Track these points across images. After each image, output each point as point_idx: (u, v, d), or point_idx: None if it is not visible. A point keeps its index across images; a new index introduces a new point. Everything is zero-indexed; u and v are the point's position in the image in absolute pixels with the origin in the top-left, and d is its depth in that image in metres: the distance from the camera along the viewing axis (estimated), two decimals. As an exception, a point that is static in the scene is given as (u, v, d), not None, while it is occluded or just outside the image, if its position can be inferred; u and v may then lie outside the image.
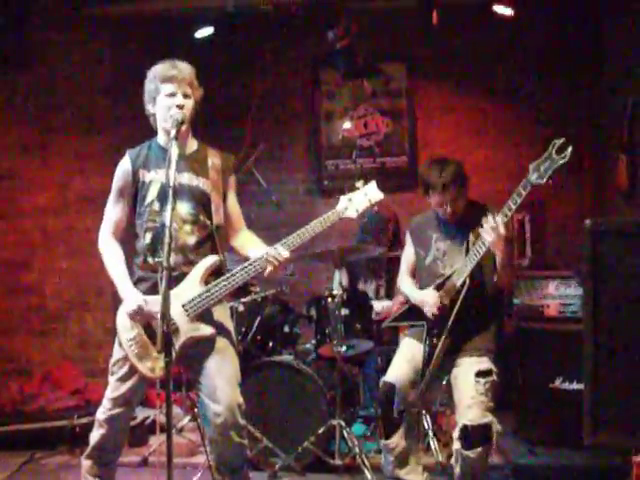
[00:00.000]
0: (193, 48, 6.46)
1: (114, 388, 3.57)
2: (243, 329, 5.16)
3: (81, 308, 6.22)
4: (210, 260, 3.51)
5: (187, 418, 5.39)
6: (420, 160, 7.01)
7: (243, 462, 3.62)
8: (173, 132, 3.31)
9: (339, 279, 4.96)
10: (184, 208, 3.54)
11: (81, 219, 6.21)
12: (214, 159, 3.65)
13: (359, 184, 3.68)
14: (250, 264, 3.48)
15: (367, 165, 7.14)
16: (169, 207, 3.05)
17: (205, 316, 3.51)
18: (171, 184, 3.11)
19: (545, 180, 3.53)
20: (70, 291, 6.26)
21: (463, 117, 7.05)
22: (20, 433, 5.41)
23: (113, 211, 3.70)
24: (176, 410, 5.68)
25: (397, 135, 7.16)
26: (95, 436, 3.61)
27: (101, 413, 3.60)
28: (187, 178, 3.57)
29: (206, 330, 3.48)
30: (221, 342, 3.55)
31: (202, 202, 3.57)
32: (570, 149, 3.48)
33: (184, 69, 3.56)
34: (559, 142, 3.53)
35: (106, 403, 3.59)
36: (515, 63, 6.85)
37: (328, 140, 7.28)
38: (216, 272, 3.54)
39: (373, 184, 3.69)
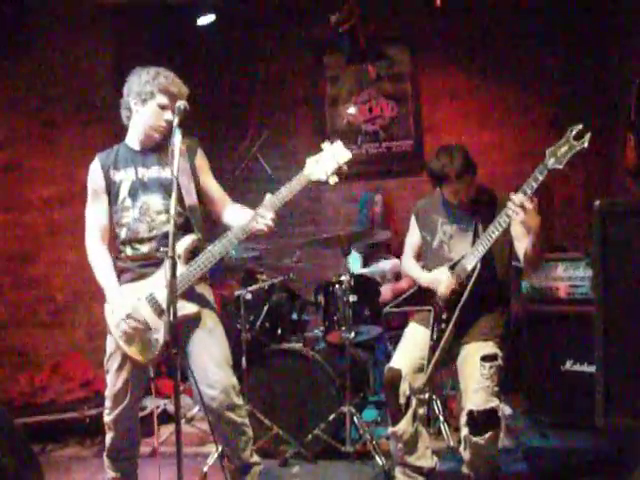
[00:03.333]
0: (195, 35, 6.45)
1: (112, 384, 3.67)
2: (251, 317, 5.15)
3: (88, 299, 6.20)
4: (189, 239, 3.56)
5: (197, 407, 5.39)
6: (425, 144, 6.99)
7: (247, 442, 3.66)
8: (176, 120, 3.30)
9: (347, 264, 4.91)
10: (156, 199, 3.64)
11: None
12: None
13: (324, 145, 3.61)
14: (225, 237, 3.51)
15: (372, 150, 7.12)
16: (173, 197, 3.09)
17: (189, 295, 3.56)
18: (175, 174, 3.15)
19: (563, 165, 3.48)
20: (77, 282, 6.24)
21: (468, 100, 7.00)
22: (31, 426, 5.41)
23: (93, 213, 3.77)
24: (186, 400, 5.69)
25: (402, 119, 7.13)
26: (107, 438, 3.73)
27: (107, 415, 3.71)
28: (155, 171, 3.67)
29: (191, 308, 3.54)
30: (208, 321, 3.62)
31: (171, 190, 3.58)
32: (589, 135, 3.42)
33: (183, 90, 3.67)
34: (577, 128, 3.48)
35: (107, 402, 3.69)
36: (520, 45, 6.79)
37: (333, 125, 7.25)
38: (197, 250, 3.58)
39: (339, 143, 3.62)
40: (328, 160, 3.57)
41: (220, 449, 3.75)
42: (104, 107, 6.18)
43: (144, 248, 3.62)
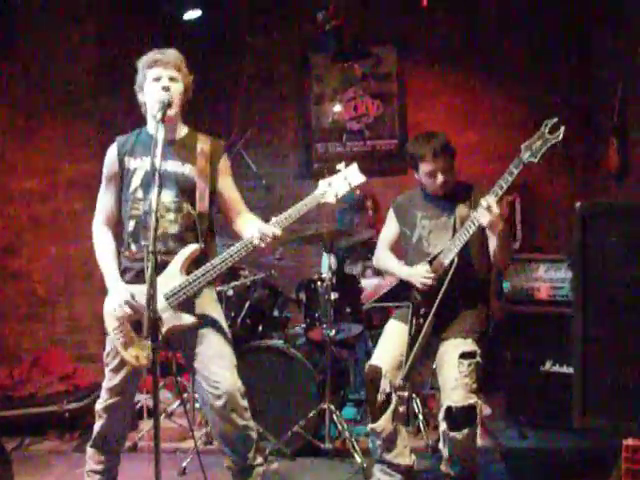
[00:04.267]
0: (181, 30, 6.42)
1: (109, 378, 3.62)
2: (232, 313, 5.15)
3: (70, 293, 6.19)
4: (190, 249, 3.49)
5: (177, 403, 5.39)
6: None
7: (251, 444, 3.61)
8: (159, 115, 3.27)
9: (328, 262, 4.93)
10: (168, 196, 3.51)
11: (69, 203, 6.18)
12: (203, 145, 3.62)
13: (340, 166, 3.58)
14: (229, 254, 3.44)
15: (357, 148, 7.13)
16: (155, 191, 3.03)
17: (189, 304, 3.51)
18: (157, 167, 3.08)
19: (538, 159, 3.51)
20: (58, 276, 6.22)
21: (453, 99, 7.02)
22: (9, 419, 5.39)
23: (104, 199, 3.69)
24: (166, 395, 5.69)
25: (387, 118, 7.14)
26: (96, 427, 3.68)
27: (99, 404, 3.66)
28: (173, 165, 3.55)
29: (188, 319, 3.47)
30: (211, 326, 3.55)
31: (186, 190, 3.54)
32: (563, 128, 3.47)
33: (170, 53, 3.55)
34: (551, 122, 3.52)
35: (103, 394, 3.64)
36: (505, 45, 6.81)
37: (318, 123, 7.25)
38: (198, 260, 3.51)
39: (354, 167, 3.58)
40: (340, 183, 3.55)
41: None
42: (87, 100, 6.16)
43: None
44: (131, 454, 4.70)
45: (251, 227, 3.50)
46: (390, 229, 4.38)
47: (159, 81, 3.48)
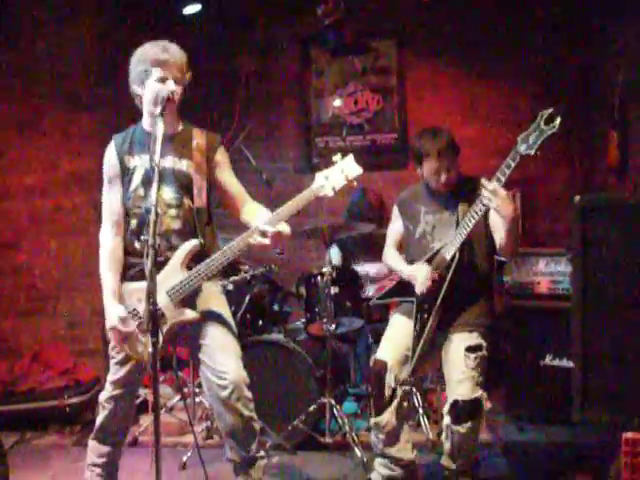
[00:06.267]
0: (181, 26, 6.41)
1: (114, 372, 3.64)
2: (232, 308, 5.11)
3: (70, 288, 6.18)
4: (190, 244, 3.49)
5: (177, 397, 5.39)
6: (410, 137, 6.98)
7: (254, 436, 3.60)
8: (158, 109, 3.27)
9: (329, 257, 4.92)
10: (168, 192, 3.53)
11: (69, 199, 6.16)
12: (199, 139, 3.62)
13: (336, 158, 3.53)
14: (229, 248, 3.44)
15: (357, 142, 7.11)
16: (154, 186, 3.03)
17: (191, 298, 3.52)
18: (156, 162, 3.09)
19: (534, 151, 3.48)
20: (59, 271, 6.21)
21: (453, 94, 7.00)
22: (10, 413, 5.41)
23: (107, 200, 3.68)
24: (166, 389, 5.70)
25: (387, 112, 7.12)
26: (99, 418, 3.70)
27: (103, 395, 3.67)
28: (170, 161, 3.55)
29: (190, 315, 3.49)
30: (216, 319, 3.56)
31: (185, 185, 3.55)
32: (559, 119, 3.43)
33: (176, 54, 3.51)
34: (547, 112, 3.49)
35: (107, 386, 3.66)
36: (505, 40, 6.79)
37: (318, 117, 7.24)
38: (198, 255, 3.51)
39: (350, 158, 3.53)
40: (337, 175, 3.49)
41: (199, 439, 3.73)
42: (87, 96, 6.15)
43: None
44: (132, 448, 4.70)
45: (260, 212, 3.52)
46: (396, 226, 4.39)
47: (164, 82, 3.46)
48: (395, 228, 4.40)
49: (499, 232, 3.83)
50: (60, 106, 6.20)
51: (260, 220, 3.42)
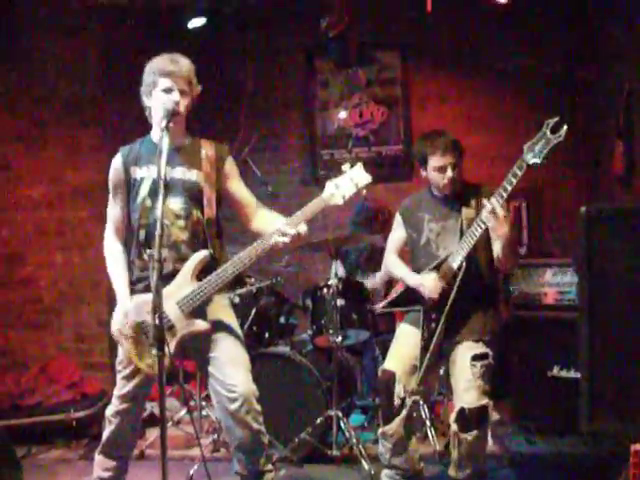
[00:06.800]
0: (185, 39, 6.43)
1: (121, 386, 3.62)
2: (238, 321, 5.12)
3: (76, 301, 6.18)
4: (200, 255, 3.49)
5: (184, 411, 5.38)
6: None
7: (263, 449, 3.59)
8: (164, 122, 3.27)
9: (335, 269, 4.92)
10: (177, 203, 3.52)
11: (75, 212, 6.17)
12: (207, 150, 3.62)
13: (345, 167, 3.55)
14: (239, 258, 3.44)
15: (362, 154, 7.12)
16: (160, 198, 3.02)
17: (201, 310, 3.51)
18: (162, 176, 3.08)
19: (541, 160, 3.49)
20: (65, 284, 6.22)
21: (458, 104, 7.01)
22: (17, 427, 5.39)
23: (112, 210, 3.70)
24: (173, 403, 5.68)
25: (392, 124, 7.13)
26: (105, 432, 3.68)
27: (109, 410, 3.66)
28: (179, 172, 3.55)
29: (201, 325, 3.48)
30: (225, 331, 3.56)
31: (194, 196, 3.55)
32: (565, 128, 3.45)
33: (183, 65, 3.52)
34: (552, 121, 3.50)
35: (114, 400, 3.65)
36: (510, 50, 6.80)
37: (323, 129, 7.25)
38: (208, 266, 3.51)
39: (359, 167, 3.55)
40: (347, 184, 3.51)
41: (206, 452, 3.72)
42: (93, 109, 6.16)
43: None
44: (138, 462, 4.69)
45: (272, 218, 3.56)
46: (398, 234, 4.39)
47: (170, 93, 3.46)
48: (396, 236, 4.40)
49: (496, 248, 3.88)
50: (66, 120, 6.21)
51: (279, 222, 3.45)
